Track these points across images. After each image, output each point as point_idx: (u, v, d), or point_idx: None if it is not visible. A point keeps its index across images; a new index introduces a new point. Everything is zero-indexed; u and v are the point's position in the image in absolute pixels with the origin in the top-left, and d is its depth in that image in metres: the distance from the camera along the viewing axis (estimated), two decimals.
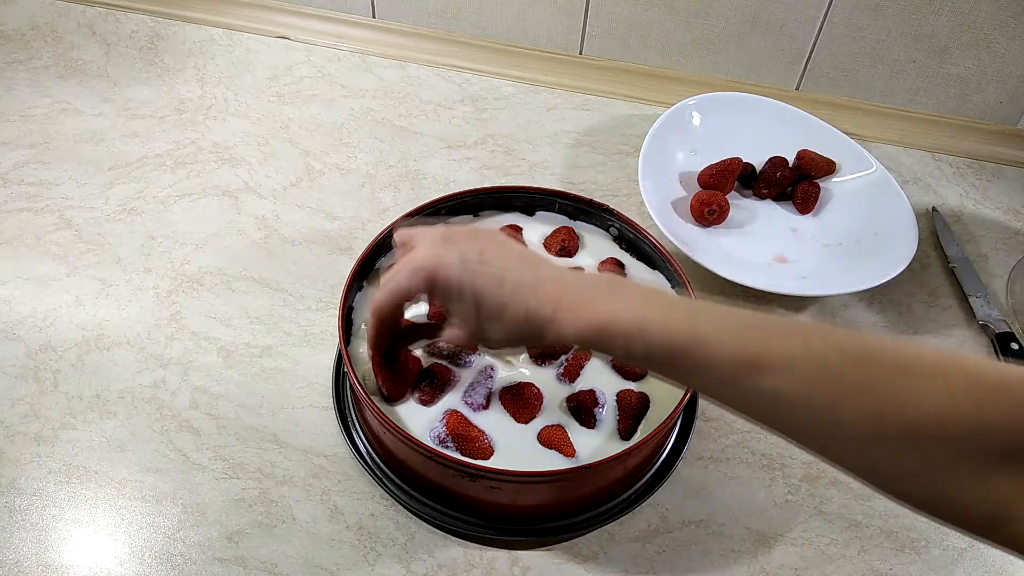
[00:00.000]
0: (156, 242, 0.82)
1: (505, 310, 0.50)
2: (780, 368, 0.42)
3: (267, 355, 0.73)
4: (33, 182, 0.87)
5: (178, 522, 0.63)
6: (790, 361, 0.42)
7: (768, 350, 0.43)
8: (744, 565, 0.63)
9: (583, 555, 0.63)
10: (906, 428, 0.39)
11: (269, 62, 1.01)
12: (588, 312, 0.48)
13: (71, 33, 1.03)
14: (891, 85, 0.95)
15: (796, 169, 0.86)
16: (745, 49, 0.96)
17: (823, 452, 0.44)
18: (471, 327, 0.53)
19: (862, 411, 0.40)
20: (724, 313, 0.46)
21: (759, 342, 0.43)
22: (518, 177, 0.90)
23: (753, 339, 0.44)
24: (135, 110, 0.95)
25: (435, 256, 0.52)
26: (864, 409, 0.40)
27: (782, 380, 0.42)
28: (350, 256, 0.81)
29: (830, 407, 0.41)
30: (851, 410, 0.41)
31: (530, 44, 1.02)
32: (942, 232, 0.86)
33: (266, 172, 0.89)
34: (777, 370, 0.42)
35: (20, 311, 0.76)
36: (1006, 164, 0.94)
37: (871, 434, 0.40)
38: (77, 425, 0.68)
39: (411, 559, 0.62)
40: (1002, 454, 0.37)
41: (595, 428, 0.61)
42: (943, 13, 0.88)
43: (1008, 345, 0.76)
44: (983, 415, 0.38)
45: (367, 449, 0.66)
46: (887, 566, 0.64)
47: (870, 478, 0.42)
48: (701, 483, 0.67)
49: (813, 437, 0.43)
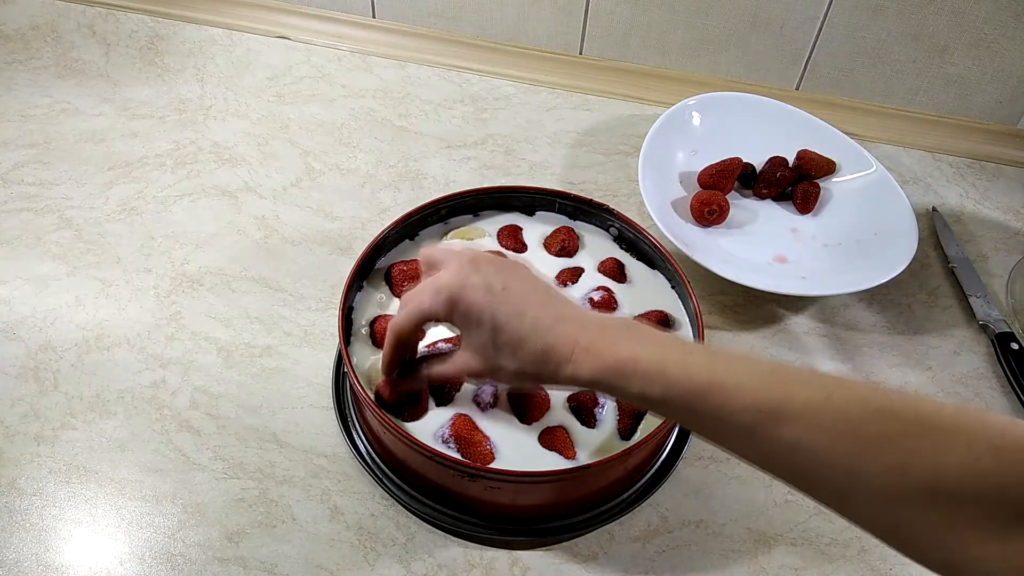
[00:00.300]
0: (156, 242, 0.82)
1: (523, 344, 0.50)
2: (801, 418, 0.41)
3: (267, 355, 0.73)
4: (33, 182, 0.87)
5: (178, 522, 0.63)
6: (811, 411, 0.41)
7: (789, 399, 0.42)
8: (744, 565, 0.63)
9: (583, 555, 0.63)
10: (928, 484, 0.38)
11: (269, 62, 1.01)
12: (607, 352, 0.48)
13: (71, 33, 1.03)
14: (891, 85, 0.95)
15: (796, 169, 0.86)
16: (745, 49, 0.96)
17: (843, 508, 0.43)
18: (485, 357, 0.52)
19: (884, 465, 0.39)
20: (742, 360, 0.46)
21: (780, 390, 0.43)
22: (518, 177, 0.90)
23: (774, 387, 0.43)
24: (135, 110, 0.95)
25: (460, 279, 0.51)
26: (886, 463, 0.39)
27: (803, 430, 0.41)
28: (350, 256, 0.81)
29: (851, 460, 0.40)
30: (872, 463, 0.40)
31: (530, 44, 1.02)
32: (942, 232, 0.86)
33: (266, 172, 0.89)
34: (798, 419, 0.41)
35: (20, 311, 0.76)
36: (1006, 164, 0.94)
37: (892, 490, 0.39)
38: (77, 425, 0.68)
39: (411, 559, 0.62)
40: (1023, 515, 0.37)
41: (595, 428, 0.61)
42: (943, 13, 0.88)
43: (1008, 345, 0.76)
44: (1004, 474, 0.37)
45: (367, 449, 0.66)
46: (887, 566, 0.64)
47: (891, 539, 0.41)
48: (701, 483, 0.67)
49: (833, 491, 0.42)
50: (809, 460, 0.42)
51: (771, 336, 0.77)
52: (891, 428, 0.40)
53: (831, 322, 0.79)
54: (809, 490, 0.43)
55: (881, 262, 0.77)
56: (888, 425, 0.40)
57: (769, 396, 0.43)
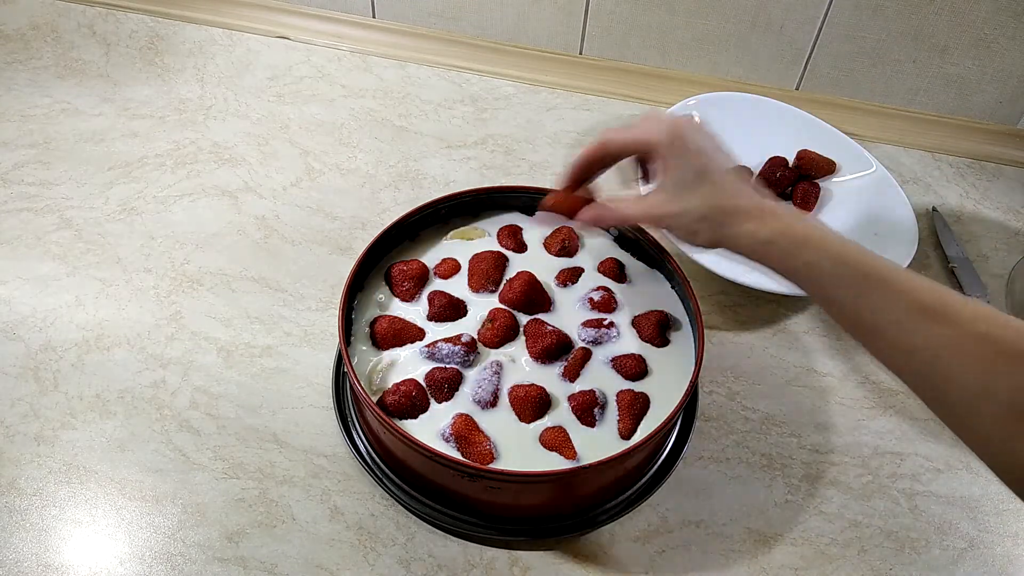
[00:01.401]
0: (156, 242, 0.82)
1: (720, 192, 0.55)
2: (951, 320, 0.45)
3: (267, 355, 0.73)
4: (33, 182, 0.87)
5: (178, 522, 0.63)
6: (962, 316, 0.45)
7: (946, 303, 0.46)
8: (744, 565, 0.63)
9: (583, 555, 0.63)
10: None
11: (269, 62, 1.01)
12: (791, 222, 0.53)
13: (71, 33, 1.03)
14: (891, 85, 0.95)
15: (796, 169, 0.86)
16: (745, 49, 0.96)
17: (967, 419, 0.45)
18: (679, 193, 0.56)
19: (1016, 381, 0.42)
20: (912, 272, 0.50)
21: (940, 296, 0.47)
22: (518, 177, 0.90)
23: (936, 292, 0.47)
24: (135, 110, 0.95)
25: (681, 120, 0.57)
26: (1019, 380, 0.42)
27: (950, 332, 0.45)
28: (350, 256, 0.81)
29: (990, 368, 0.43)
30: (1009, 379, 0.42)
31: (530, 44, 1.02)
32: (942, 232, 0.86)
33: (266, 172, 0.89)
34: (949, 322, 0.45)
35: (20, 311, 0.76)
36: (1006, 164, 0.94)
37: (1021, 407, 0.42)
38: (77, 425, 0.68)
39: (411, 559, 0.62)
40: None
41: (595, 428, 0.61)
42: (943, 13, 0.88)
43: None
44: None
45: (367, 449, 0.66)
46: (887, 566, 0.64)
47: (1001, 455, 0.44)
48: (701, 483, 0.67)
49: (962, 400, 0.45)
50: (947, 360, 0.45)
51: (771, 336, 0.77)
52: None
53: (831, 322, 0.79)
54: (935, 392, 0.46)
55: None
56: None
57: (931, 297, 0.46)
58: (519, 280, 0.66)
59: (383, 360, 0.63)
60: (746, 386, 0.73)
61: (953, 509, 0.67)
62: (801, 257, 0.52)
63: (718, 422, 0.71)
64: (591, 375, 0.63)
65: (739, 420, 0.71)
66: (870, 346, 0.50)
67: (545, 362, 0.64)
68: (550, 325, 0.64)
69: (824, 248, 0.51)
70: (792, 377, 0.74)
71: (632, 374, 0.63)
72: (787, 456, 0.69)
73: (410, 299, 0.67)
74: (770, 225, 0.53)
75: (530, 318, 0.66)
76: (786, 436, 0.70)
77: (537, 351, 0.63)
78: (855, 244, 0.51)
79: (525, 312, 0.66)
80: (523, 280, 0.66)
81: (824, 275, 0.51)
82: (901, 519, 0.66)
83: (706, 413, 0.71)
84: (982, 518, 0.66)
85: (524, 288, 0.65)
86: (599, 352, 0.64)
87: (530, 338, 0.64)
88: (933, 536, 0.65)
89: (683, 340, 0.66)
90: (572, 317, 0.66)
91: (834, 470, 0.69)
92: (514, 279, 0.66)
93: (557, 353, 0.64)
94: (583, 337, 0.65)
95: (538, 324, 0.65)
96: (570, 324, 0.66)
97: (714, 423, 0.71)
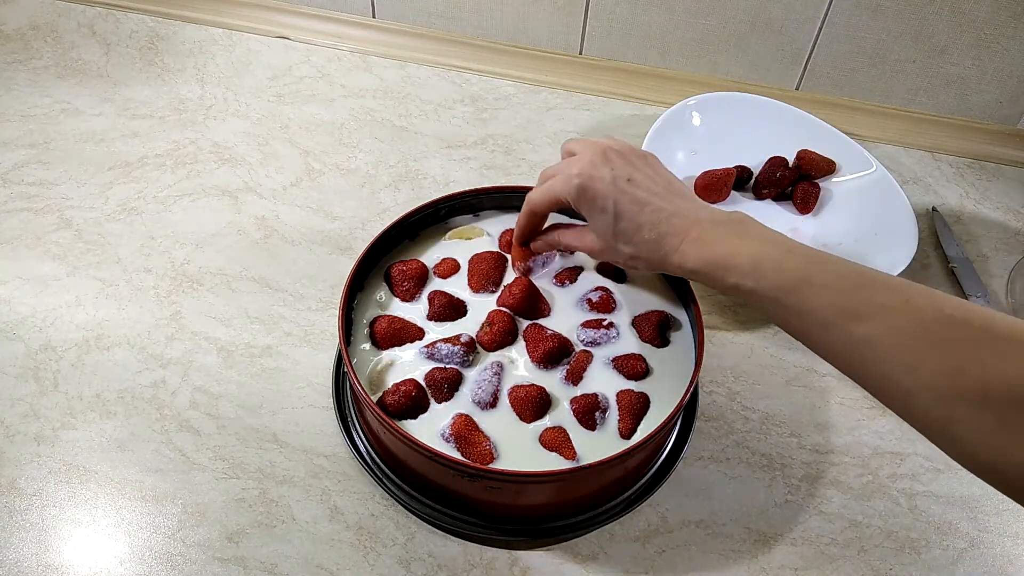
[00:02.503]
0: (156, 242, 0.82)
1: (639, 231, 0.57)
2: (876, 317, 0.46)
3: (267, 355, 0.73)
4: (33, 182, 0.87)
5: (178, 522, 0.63)
6: (887, 312, 0.45)
7: (868, 300, 0.47)
8: (744, 565, 0.63)
9: (583, 555, 0.63)
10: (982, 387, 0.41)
11: (269, 62, 1.01)
12: (712, 247, 0.54)
13: (71, 33, 1.03)
14: (891, 85, 0.95)
15: (796, 169, 0.86)
16: (745, 49, 0.96)
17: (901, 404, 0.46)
18: (605, 240, 0.59)
19: (945, 366, 0.43)
20: (835, 262, 0.50)
21: (862, 292, 0.47)
22: (518, 177, 0.90)
23: (856, 289, 0.48)
24: (135, 110, 0.95)
25: (590, 169, 0.58)
26: (947, 364, 0.43)
27: (876, 328, 0.45)
28: (350, 256, 0.81)
29: (915, 359, 0.44)
30: (935, 362, 0.43)
31: (530, 44, 1.02)
32: (942, 232, 0.86)
33: (266, 172, 0.89)
34: (873, 318, 0.46)
35: (20, 311, 0.76)
36: (1006, 164, 0.94)
37: (948, 390, 0.42)
38: (77, 425, 0.68)
39: (411, 559, 0.62)
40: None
41: (595, 431, 0.61)
42: (943, 13, 0.88)
43: None
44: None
45: (367, 449, 0.66)
46: (887, 566, 0.64)
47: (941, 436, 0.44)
48: (701, 483, 0.67)
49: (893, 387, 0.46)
50: (876, 356, 0.45)
51: (771, 336, 0.77)
52: (960, 333, 0.43)
53: None
54: (871, 385, 0.48)
55: (881, 262, 0.77)
56: (958, 331, 0.43)
57: (851, 296, 0.47)
58: (518, 285, 0.66)
59: (383, 360, 0.63)
60: (746, 386, 0.73)
61: (953, 509, 0.67)
62: (726, 280, 0.53)
63: (718, 422, 0.71)
64: (593, 377, 0.63)
65: (739, 420, 0.71)
66: (804, 344, 0.51)
67: (547, 367, 0.63)
68: (549, 330, 0.64)
69: (741, 267, 0.52)
70: (792, 377, 0.74)
71: (632, 374, 0.63)
72: (787, 456, 0.69)
73: (410, 299, 0.67)
74: (692, 256, 0.55)
75: (529, 323, 0.66)
76: (786, 436, 0.70)
77: (538, 356, 0.63)
78: (777, 246, 0.52)
79: (525, 317, 0.66)
80: (522, 285, 0.65)
81: (747, 294, 0.53)
82: (901, 519, 0.66)
83: (706, 413, 0.71)
84: (982, 518, 0.66)
85: (523, 293, 0.65)
86: (599, 353, 0.64)
87: (530, 343, 0.64)
88: (933, 536, 0.65)
89: (683, 340, 0.66)
90: (571, 318, 0.66)
91: (834, 470, 0.69)
92: (513, 284, 0.66)
93: (558, 357, 0.64)
94: (582, 338, 0.65)
95: (537, 329, 0.65)
96: (569, 325, 0.66)
97: (714, 423, 0.71)
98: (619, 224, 0.57)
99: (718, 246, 0.54)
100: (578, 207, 0.59)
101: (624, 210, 0.57)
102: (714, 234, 0.55)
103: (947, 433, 0.44)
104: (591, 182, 0.57)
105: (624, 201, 0.57)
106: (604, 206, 0.57)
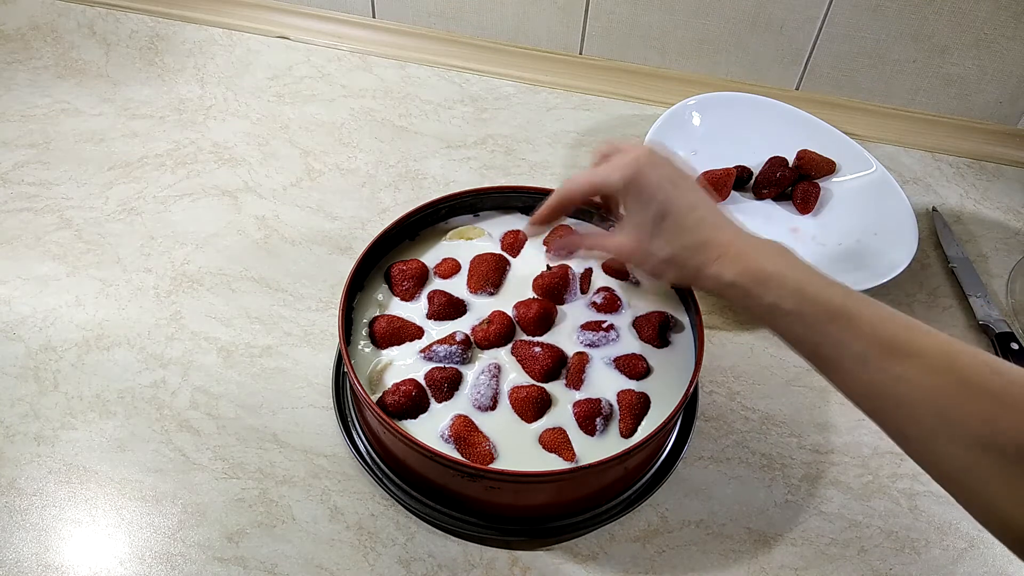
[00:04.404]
0: (156, 242, 0.82)
1: (682, 232, 0.54)
2: (915, 357, 0.45)
3: (267, 355, 0.73)
4: (33, 182, 0.87)
5: (178, 522, 0.63)
6: (928, 354, 0.45)
7: (910, 340, 0.46)
8: (744, 565, 0.63)
9: (583, 555, 0.63)
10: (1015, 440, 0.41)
11: (269, 62, 1.01)
12: (755, 262, 0.52)
13: (71, 33, 1.03)
14: (891, 85, 0.95)
15: (796, 169, 0.86)
16: (745, 49, 0.96)
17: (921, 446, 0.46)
18: (641, 238, 0.56)
19: (977, 414, 0.42)
20: (875, 302, 0.49)
21: (904, 332, 0.46)
22: (518, 177, 0.90)
23: (899, 328, 0.47)
24: (135, 110, 0.95)
25: (644, 161, 0.56)
26: (979, 412, 0.42)
27: (913, 368, 0.45)
28: (350, 256, 0.81)
29: (948, 402, 0.43)
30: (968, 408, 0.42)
31: (530, 44, 1.02)
32: (942, 232, 0.86)
33: (266, 172, 0.89)
34: (911, 358, 0.45)
35: (20, 311, 0.76)
36: (1006, 164, 0.94)
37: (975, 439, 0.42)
38: (77, 425, 0.68)
39: (411, 559, 0.62)
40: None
41: (595, 436, 0.61)
42: (943, 13, 0.88)
43: (1008, 345, 0.76)
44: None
45: (367, 449, 0.66)
46: (887, 566, 0.64)
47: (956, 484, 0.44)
48: (701, 483, 0.67)
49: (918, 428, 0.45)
50: (909, 396, 0.45)
51: (771, 336, 0.77)
52: (995, 383, 0.42)
53: None
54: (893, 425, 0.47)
55: (881, 262, 0.77)
56: (993, 380, 0.43)
57: (893, 333, 0.46)
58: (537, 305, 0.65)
59: (383, 360, 0.63)
60: (746, 386, 0.73)
61: (953, 509, 0.66)
62: (764, 298, 0.51)
63: (718, 422, 0.71)
64: (593, 377, 0.63)
65: (739, 420, 0.71)
66: (828, 377, 0.50)
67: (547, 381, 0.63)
68: (538, 347, 0.63)
69: (784, 286, 0.51)
70: (792, 377, 0.74)
71: (633, 374, 0.63)
72: (787, 456, 0.69)
73: (410, 299, 0.67)
74: (733, 267, 0.53)
75: (519, 339, 0.65)
76: (786, 436, 0.70)
77: (537, 375, 0.63)
78: (820, 276, 0.51)
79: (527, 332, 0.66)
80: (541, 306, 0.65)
81: (784, 315, 0.51)
82: (901, 519, 0.66)
83: (706, 413, 0.71)
84: None
85: (538, 314, 0.65)
86: (598, 354, 0.64)
87: (524, 362, 0.63)
88: (933, 536, 0.65)
89: (683, 340, 0.66)
90: (576, 320, 0.66)
91: (834, 470, 0.69)
92: (532, 301, 0.65)
93: (556, 371, 0.63)
94: (581, 340, 0.65)
95: (526, 347, 0.64)
96: (569, 329, 0.66)
97: (714, 423, 0.71)
98: (664, 221, 0.55)
99: (762, 262, 0.52)
100: (624, 196, 0.57)
101: (673, 209, 0.55)
102: (758, 252, 0.53)
103: (966, 480, 0.43)
104: (642, 173, 0.55)
105: (675, 198, 0.55)
106: (653, 198, 0.55)
